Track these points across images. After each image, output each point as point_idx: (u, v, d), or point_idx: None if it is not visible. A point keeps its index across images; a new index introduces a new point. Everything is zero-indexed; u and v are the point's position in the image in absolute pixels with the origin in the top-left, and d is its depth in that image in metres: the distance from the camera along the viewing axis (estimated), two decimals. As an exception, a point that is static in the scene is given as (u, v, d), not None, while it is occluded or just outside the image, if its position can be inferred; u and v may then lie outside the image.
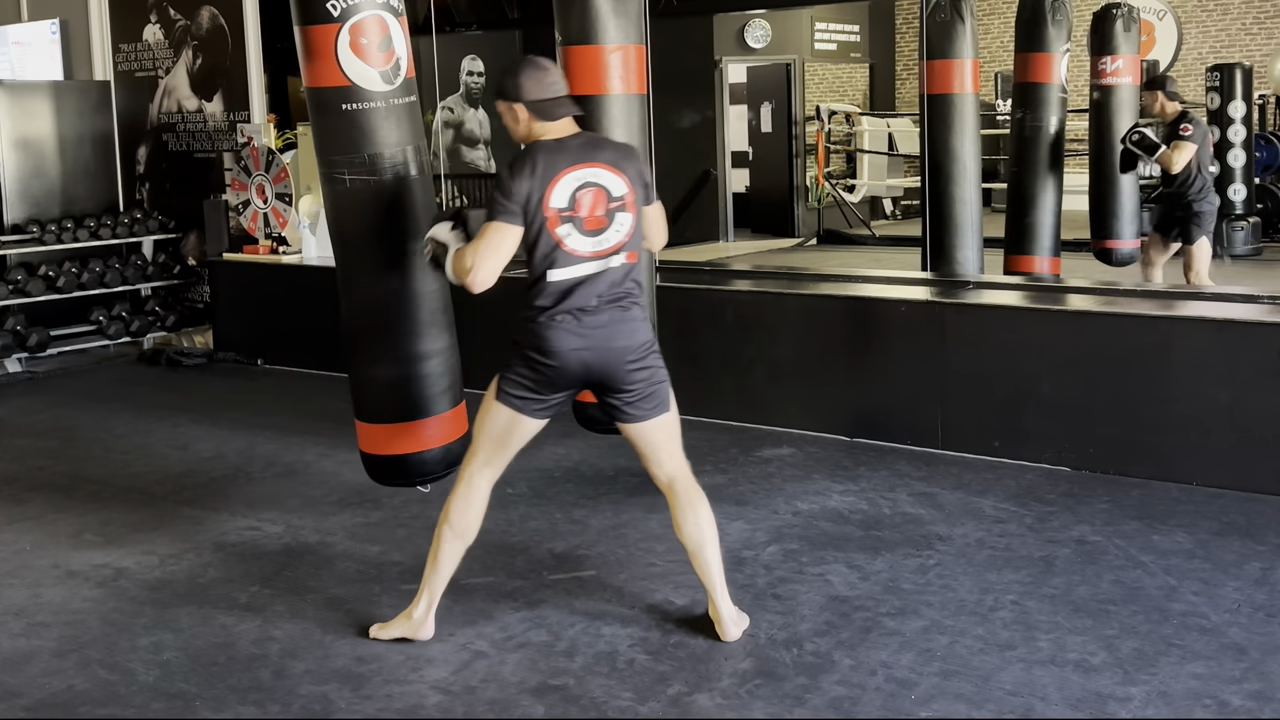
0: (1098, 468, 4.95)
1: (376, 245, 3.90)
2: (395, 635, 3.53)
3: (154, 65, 8.79)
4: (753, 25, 13.65)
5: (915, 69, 14.13)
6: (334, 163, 3.83)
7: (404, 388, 3.96)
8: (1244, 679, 3.18)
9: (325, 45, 3.73)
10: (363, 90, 3.76)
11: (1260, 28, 14.33)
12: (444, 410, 4.03)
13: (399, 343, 3.94)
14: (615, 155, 3.43)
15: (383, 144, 3.80)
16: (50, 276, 7.89)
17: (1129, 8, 7.61)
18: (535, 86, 3.39)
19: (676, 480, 3.50)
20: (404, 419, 3.97)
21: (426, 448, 4.01)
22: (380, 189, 3.82)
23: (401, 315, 3.93)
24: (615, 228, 3.36)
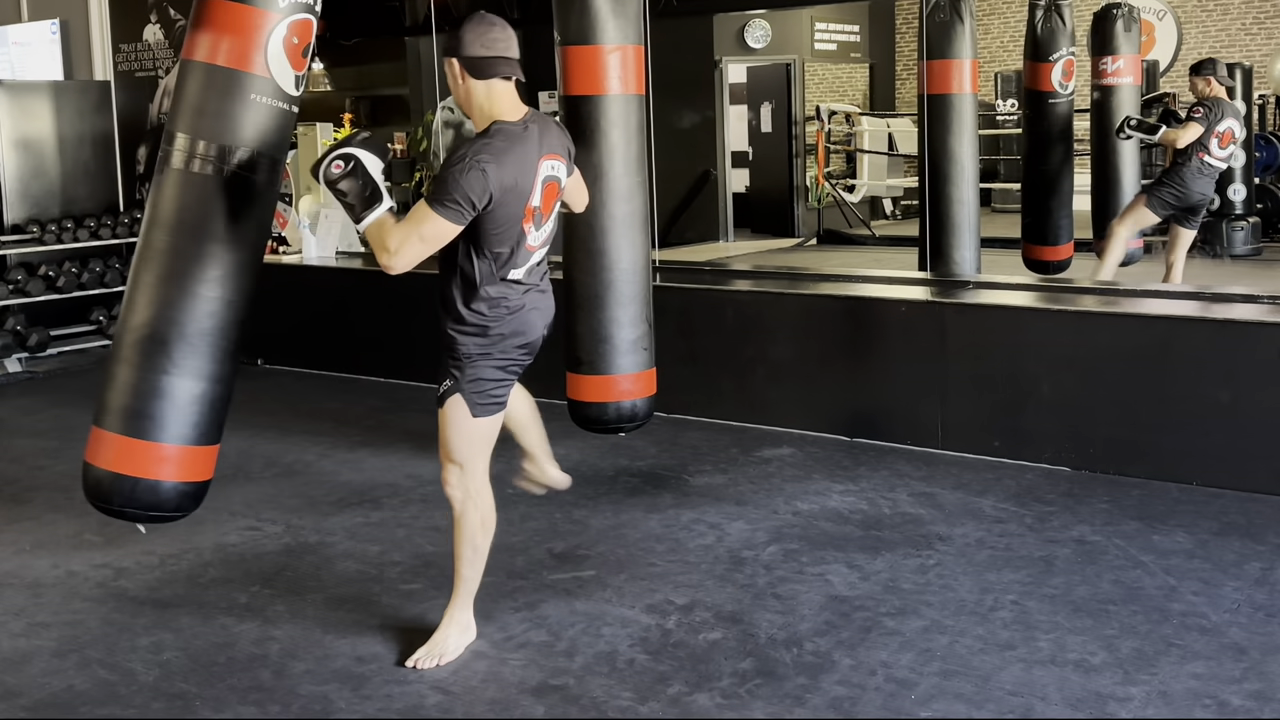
0: (1098, 468, 4.95)
1: (233, 244, 3.50)
2: (454, 646, 3.42)
3: (154, 65, 8.80)
4: (753, 25, 13.65)
5: (915, 69, 14.12)
6: (195, 144, 3.43)
7: (148, 403, 3.57)
8: (1244, 679, 3.18)
9: (252, 29, 3.40)
10: (278, 87, 3.45)
11: (1260, 28, 14.33)
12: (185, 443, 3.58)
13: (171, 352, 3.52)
14: (560, 140, 3.30)
15: (265, 145, 3.46)
16: (50, 276, 7.89)
17: (1129, 8, 7.61)
18: (474, 41, 3.11)
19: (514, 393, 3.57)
20: (139, 436, 3.54)
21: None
22: (231, 184, 3.43)
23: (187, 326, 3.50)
24: (554, 217, 3.32)
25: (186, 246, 3.44)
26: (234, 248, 3.46)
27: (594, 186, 4.49)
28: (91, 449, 3.65)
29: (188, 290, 3.44)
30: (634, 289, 4.62)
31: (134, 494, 3.53)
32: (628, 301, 4.61)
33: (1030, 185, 7.85)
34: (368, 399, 6.68)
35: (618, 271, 4.59)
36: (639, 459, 5.24)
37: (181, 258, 3.44)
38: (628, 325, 4.60)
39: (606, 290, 4.58)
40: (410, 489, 5.01)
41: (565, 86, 4.63)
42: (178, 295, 3.45)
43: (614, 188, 4.54)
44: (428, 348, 5.94)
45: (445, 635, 3.44)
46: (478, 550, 3.42)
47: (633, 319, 4.62)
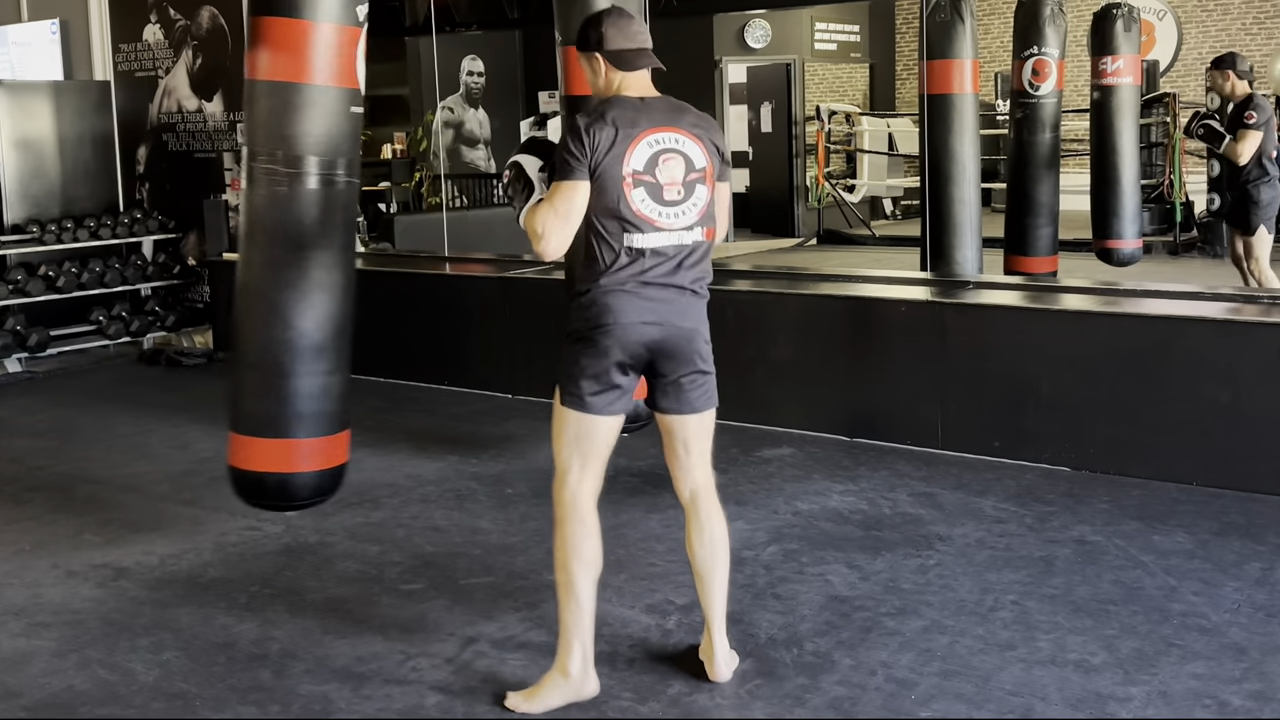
0: (1098, 468, 4.95)
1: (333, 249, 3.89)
2: (555, 703, 3.08)
3: (154, 65, 8.79)
4: (753, 25, 13.66)
5: (915, 69, 14.12)
6: (333, 163, 3.80)
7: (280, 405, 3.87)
8: (1244, 679, 3.18)
9: (351, 47, 3.77)
10: (358, 96, 3.84)
11: (1260, 28, 14.33)
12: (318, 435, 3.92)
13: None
14: (698, 122, 3.14)
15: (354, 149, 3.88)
16: (50, 276, 7.89)
17: (1129, 8, 7.61)
18: (618, 35, 3.12)
19: (701, 493, 3.21)
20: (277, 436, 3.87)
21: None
22: (346, 192, 3.87)
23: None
24: (693, 201, 3.08)
25: (322, 256, 3.81)
26: (349, 247, 3.92)
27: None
28: (237, 454, 3.96)
29: (334, 293, 3.86)
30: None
31: (280, 487, 3.91)
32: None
33: (1010, 190, 7.79)
34: (368, 399, 6.67)
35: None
36: (639, 459, 5.23)
37: (319, 266, 3.79)
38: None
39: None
40: (410, 489, 5.01)
41: (566, 86, 4.63)
42: (326, 298, 3.83)
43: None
44: (428, 348, 5.96)
45: (546, 682, 3.14)
46: (566, 584, 3.07)
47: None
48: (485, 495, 4.90)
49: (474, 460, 5.38)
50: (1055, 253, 7.61)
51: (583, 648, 3.09)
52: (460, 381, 6.81)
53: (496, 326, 6.68)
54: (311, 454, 3.88)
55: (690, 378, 3.14)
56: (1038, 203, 7.50)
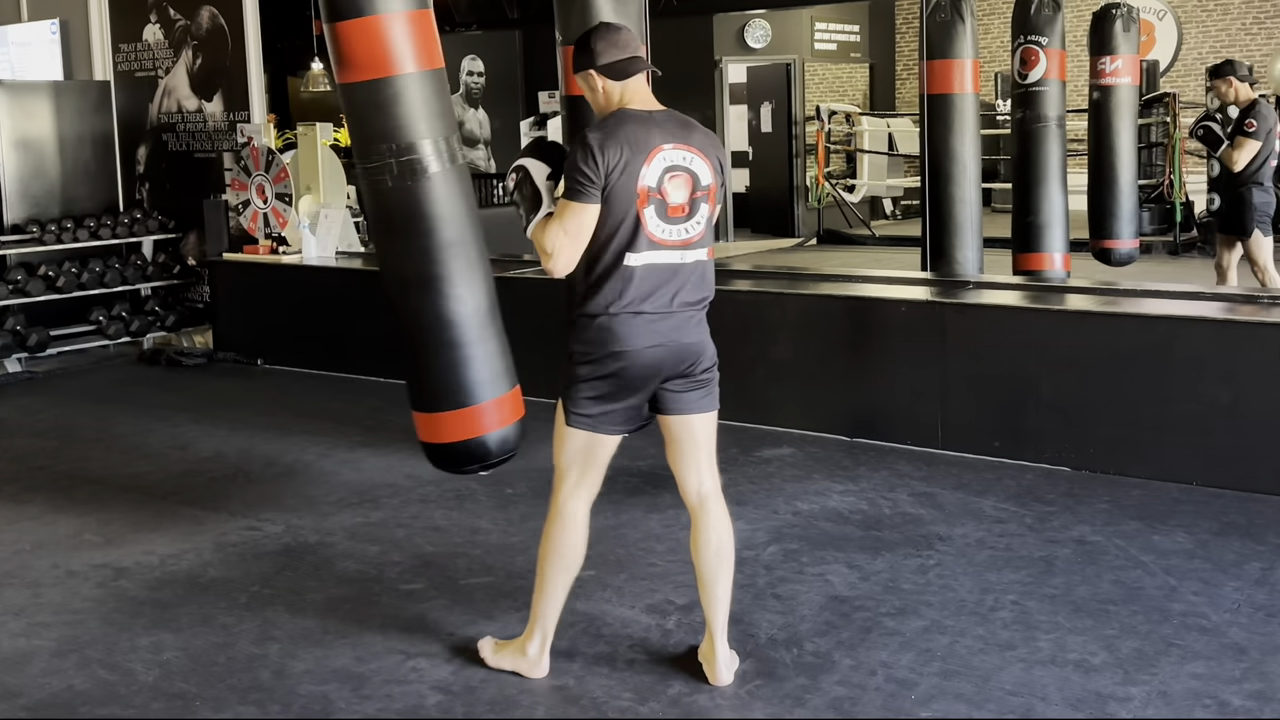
0: (1098, 468, 4.95)
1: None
2: (505, 666, 3.30)
3: (154, 65, 8.79)
4: (753, 25, 13.66)
5: (915, 69, 14.13)
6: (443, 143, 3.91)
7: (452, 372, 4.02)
8: (1244, 679, 3.18)
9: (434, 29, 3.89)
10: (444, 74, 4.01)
11: (1260, 28, 14.34)
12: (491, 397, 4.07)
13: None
14: (705, 140, 3.14)
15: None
16: (50, 276, 7.89)
17: (1129, 8, 7.62)
18: (608, 48, 3.12)
19: (709, 497, 3.24)
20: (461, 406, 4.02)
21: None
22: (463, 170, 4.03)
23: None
24: (697, 219, 3.09)
25: (474, 233, 3.95)
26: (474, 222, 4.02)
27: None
28: (425, 430, 4.09)
29: (485, 265, 4.02)
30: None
31: (472, 451, 4.06)
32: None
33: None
34: (368, 399, 6.68)
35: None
36: (639, 459, 5.23)
37: (474, 244, 3.94)
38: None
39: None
40: (410, 489, 5.01)
41: (567, 86, 4.64)
42: (485, 272, 4.00)
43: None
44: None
45: (509, 647, 3.34)
46: (543, 577, 3.23)
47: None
48: (485, 495, 4.90)
49: (474, 460, 5.37)
50: (1063, 251, 7.58)
51: (544, 635, 3.29)
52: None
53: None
54: (499, 412, 4.05)
55: (694, 383, 3.18)
56: (1037, 198, 7.49)
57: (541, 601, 3.25)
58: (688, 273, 3.10)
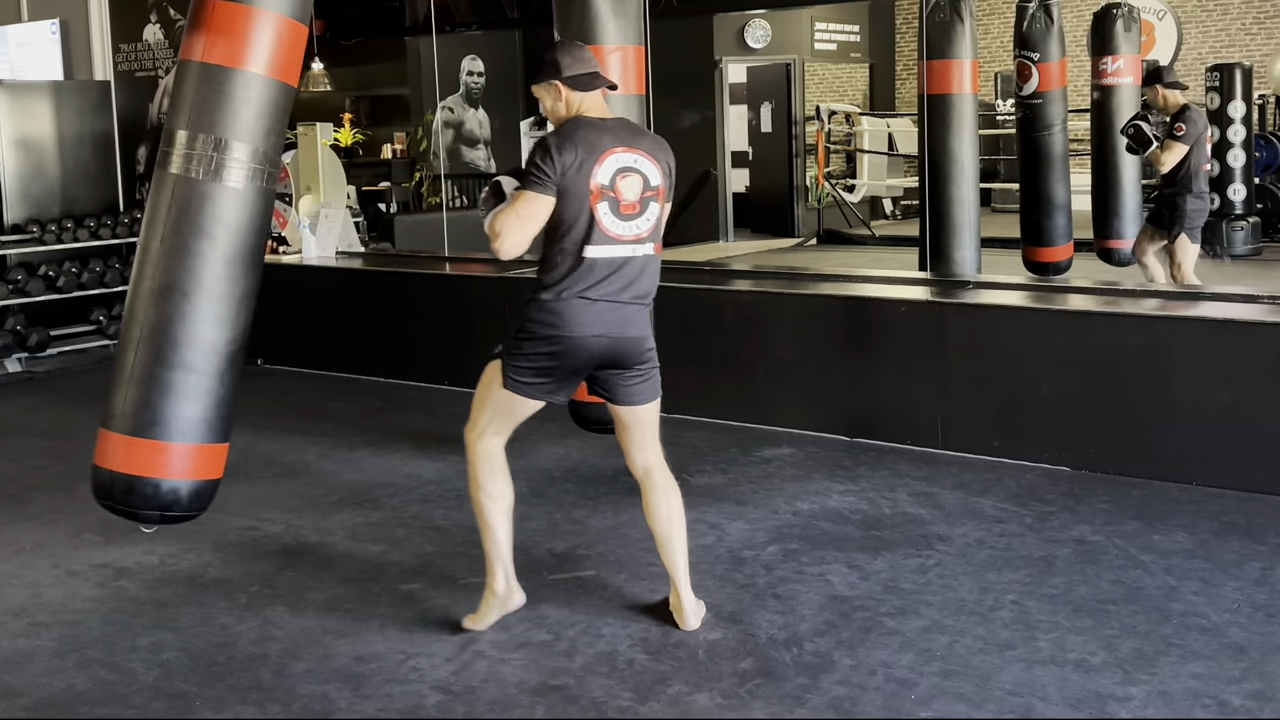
0: (1098, 468, 4.95)
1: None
2: (492, 619, 3.56)
3: (154, 65, 8.80)
4: (753, 25, 13.66)
5: (915, 69, 14.13)
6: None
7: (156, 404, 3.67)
8: (1244, 679, 3.18)
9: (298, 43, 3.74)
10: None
11: (1260, 28, 14.33)
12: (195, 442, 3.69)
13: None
14: (653, 144, 3.49)
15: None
16: (50, 276, 7.89)
17: (1129, 8, 7.62)
18: (572, 63, 3.45)
19: (654, 468, 3.59)
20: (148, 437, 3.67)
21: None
22: None
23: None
24: (646, 216, 3.41)
25: (249, 262, 3.79)
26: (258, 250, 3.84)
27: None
28: (101, 452, 3.87)
29: (247, 303, 3.81)
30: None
31: (146, 494, 3.75)
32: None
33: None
34: (368, 399, 6.68)
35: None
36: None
37: (245, 274, 3.77)
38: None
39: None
40: (410, 489, 5.01)
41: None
42: (243, 310, 3.77)
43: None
44: (428, 348, 5.94)
45: (484, 603, 3.59)
46: (483, 517, 3.54)
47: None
48: (485, 495, 4.90)
49: (474, 460, 5.37)
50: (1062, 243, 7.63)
51: (504, 569, 3.57)
52: (460, 381, 6.79)
53: (496, 326, 6.66)
54: (184, 462, 3.67)
55: (637, 375, 3.51)
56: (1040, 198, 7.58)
57: (487, 540, 3.56)
58: (638, 266, 3.42)
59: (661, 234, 3.50)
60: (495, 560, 3.56)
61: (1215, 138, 6.98)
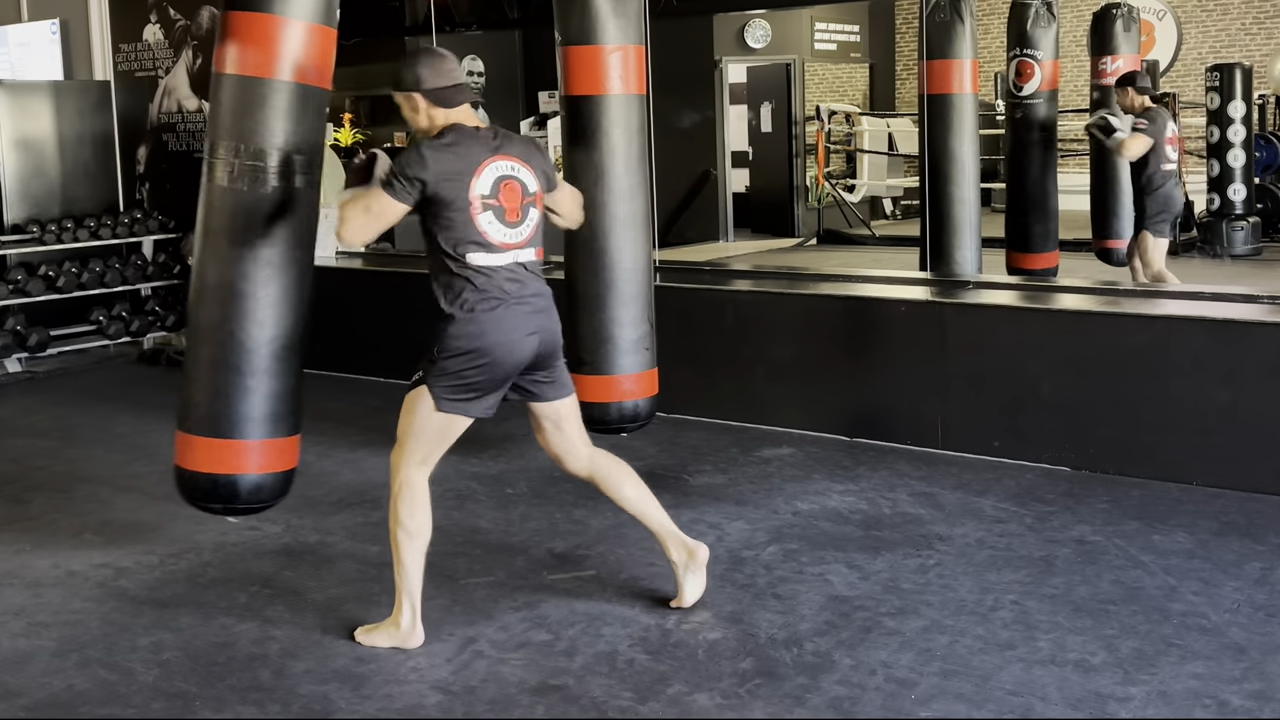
0: (1098, 468, 4.95)
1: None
2: (384, 644, 3.49)
3: (154, 65, 8.79)
4: (753, 25, 13.65)
5: (915, 69, 14.13)
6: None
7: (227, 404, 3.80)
8: (1244, 679, 3.18)
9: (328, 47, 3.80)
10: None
11: (1260, 28, 14.33)
12: (260, 436, 3.84)
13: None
14: (525, 150, 3.49)
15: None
16: (50, 276, 7.88)
17: (1129, 8, 7.61)
18: (433, 75, 3.40)
19: (596, 456, 3.66)
20: (219, 436, 3.81)
21: (239, 471, 3.83)
22: None
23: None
24: (527, 222, 3.44)
25: (298, 259, 3.94)
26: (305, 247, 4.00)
27: (595, 186, 4.49)
28: (182, 453, 3.91)
29: (301, 296, 3.93)
30: (635, 289, 4.63)
31: (221, 489, 3.89)
32: (629, 301, 4.61)
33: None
34: (368, 399, 6.68)
35: (619, 271, 4.59)
36: (639, 459, 5.23)
37: (294, 271, 3.91)
38: (629, 325, 4.61)
39: (608, 290, 4.59)
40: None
41: (566, 86, 4.63)
42: (298, 305, 3.89)
43: (615, 187, 4.54)
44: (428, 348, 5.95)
45: (383, 627, 3.53)
46: (398, 551, 3.44)
47: (634, 319, 4.62)
48: (485, 495, 4.90)
49: (474, 460, 5.38)
50: (1051, 250, 7.62)
51: (412, 606, 3.48)
52: (460, 381, 6.80)
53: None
54: (262, 456, 3.83)
55: (552, 370, 3.57)
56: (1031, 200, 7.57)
57: (402, 575, 3.46)
58: (528, 270, 3.45)
59: (541, 238, 3.52)
60: (404, 595, 3.47)
61: (1173, 134, 7.02)
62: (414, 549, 3.45)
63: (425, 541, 3.47)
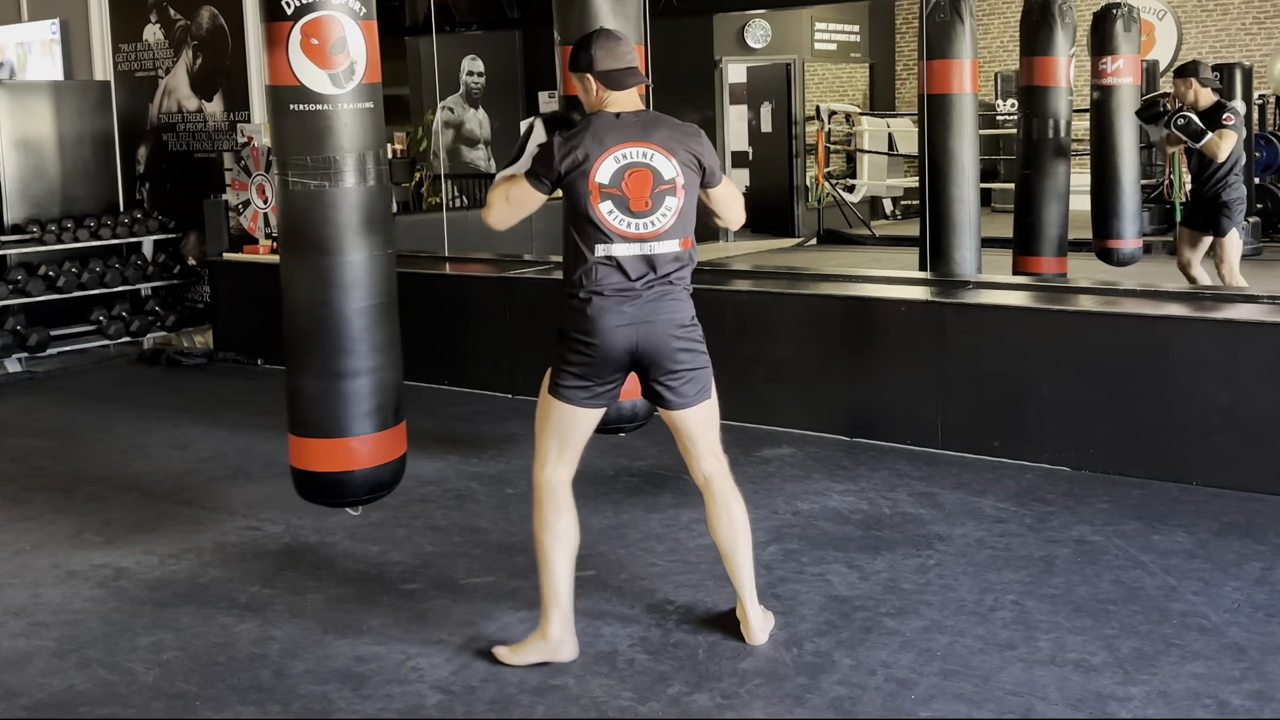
0: (1098, 468, 4.95)
1: (312, 253, 3.82)
2: (532, 660, 3.34)
3: (154, 65, 8.79)
4: (753, 25, 13.66)
5: (915, 69, 14.12)
6: (283, 164, 3.78)
7: (327, 403, 3.86)
8: (1244, 679, 3.18)
9: (278, 42, 3.67)
10: (310, 91, 3.69)
11: (1260, 28, 14.33)
12: (368, 431, 3.89)
13: (324, 356, 3.85)
14: (669, 136, 3.32)
15: (332, 148, 3.72)
16: (50, 276, 7.89)
17: (1129, 8, 7.61)
18: (607, 56, 3.34)
19: (714, 478, 3.46)
20: (326, 435, 3.87)
21: (349, 468, 3.89)
22: (323, 194, 3.75)
23: (328, 329, 3.85)
24: (661, 211, 3.29)
25: (293, 257, 3.87)
26: (351, 247, 3.82)
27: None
28: (296, 455, 4.02)
29: (299, 298, 3.88)
30: (635, 289, 4.62)
31: (342, 484, 3.95)
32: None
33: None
34: (368, 399, 6.67)
35: (618, 271, 4.58)
36: (639, 459, 5.24)
37: (290, 268, 3.88)
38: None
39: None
40: (410, 489, 5.00)
41: (566, 86, 4.63)
42: (293, 303, 3.89)
43: (614, 188, 4.53)
44: (428, 348, 5.96)
45: (530, 642, 3.39)
46: (545, 559, 3.34)
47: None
48: (485, 495, 4.91)
49: (474, 460, 5.38)
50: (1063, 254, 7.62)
51: (561, 615, 3.34)
52: (460, 381, 6.81)
53: (496, 326, 6.68)
54: (370, 450, 3.91)
55: (679, 375, 3.36)
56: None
57: (546, 583, 3.34)
58: (656, 262, 3.31)
59: (688, 227, 3.36)
60: (551, 604, 3.34)
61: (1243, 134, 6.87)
62: (560, 550, 3.34)
63: (574, 546, 3.36)
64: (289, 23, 3.64)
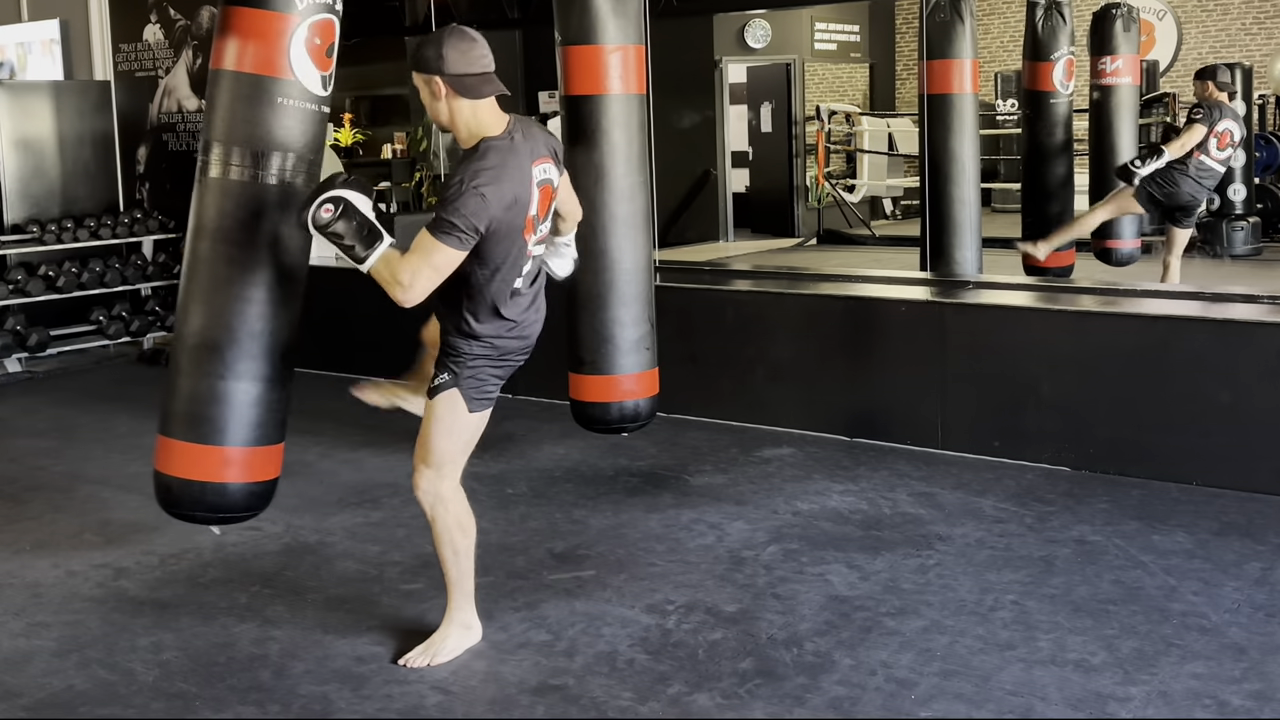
0: (1098, 468, 4.95)
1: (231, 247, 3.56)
2: (455, 652, 3.40)
3: (154, 65, 8.79)
4: (753, 25, 13.66)
5: (915, 69, 14.12)
6: (229, 151, 3.54)
7: (208, 408, 3.65)
8: (1244, 679, 3.18)
9: (274, 33, 3.54)
10: (303, 88, 3.55)
11: (1260, 28, 14.33)
12: (247, 445, 3.67)
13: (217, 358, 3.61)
14: (545, 141, 3.22)
15: (311, 149, 3.58)
16: (50, 276, 7.89)
17: (1129, 8, 7.61)
18: (460, 59, 3.02)
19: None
20: (202, 441, 3.65)
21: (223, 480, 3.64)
22: (263, 190, 3.52)
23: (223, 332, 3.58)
24: (549, 218, 3.29)
25: (231, 253, 3.50)
26: (276, 251, 3.50)
27: (595, 186, 4.49)
28: (160, 458, 3.78)
29: (235, 296, 3.50)
30: (636, 289, 4.62)
31: (202, 497, 3.64)
32: (630, 301, 4.61)
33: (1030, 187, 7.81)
34: (368, 399, 6.67)
35: (619, 271, 4.59)
36: (639, 459, 5.24)
37: (227, 264, 3.50)
38: (630, 325, 4.61)
39: (609, 290, 4.58)
40: (410, 489, 4.99)
41: (566, 86, 4.63)
42: (225, 302, 3.51)
43: (615, 187, 4.54)
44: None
45: (444, 636, 3.44)
46: (458, 552, 3.39)
47: (635, 319, 4.62)
48: (485, 495, 4.90)
49: (474, 460, 5.34)
50: None
51: (470, 601, 3.46)
52: (460, 381, 6.80)
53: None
54: (239, 464, 3.64)
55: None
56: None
57: (462, 572, 3.41)
58: (537, 266, 3.34)
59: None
60: (463, 595, 3.44)
61: (1241, 135, 6.89)
62: (470, 545, 3.42)
63: (474, 535, 3.45)
64: (295, 16, 3.53)
